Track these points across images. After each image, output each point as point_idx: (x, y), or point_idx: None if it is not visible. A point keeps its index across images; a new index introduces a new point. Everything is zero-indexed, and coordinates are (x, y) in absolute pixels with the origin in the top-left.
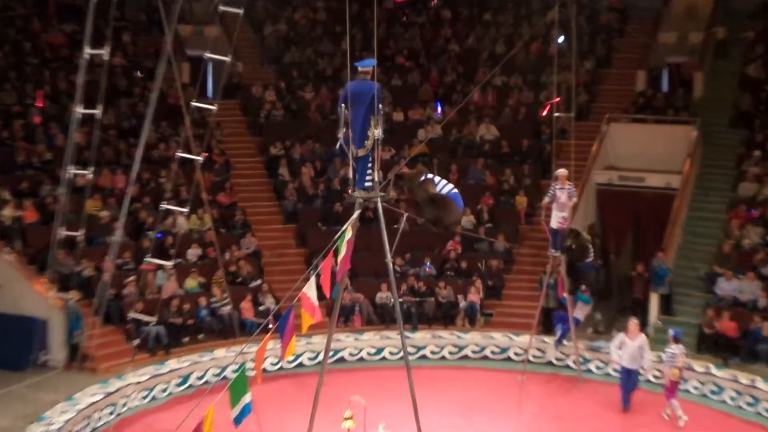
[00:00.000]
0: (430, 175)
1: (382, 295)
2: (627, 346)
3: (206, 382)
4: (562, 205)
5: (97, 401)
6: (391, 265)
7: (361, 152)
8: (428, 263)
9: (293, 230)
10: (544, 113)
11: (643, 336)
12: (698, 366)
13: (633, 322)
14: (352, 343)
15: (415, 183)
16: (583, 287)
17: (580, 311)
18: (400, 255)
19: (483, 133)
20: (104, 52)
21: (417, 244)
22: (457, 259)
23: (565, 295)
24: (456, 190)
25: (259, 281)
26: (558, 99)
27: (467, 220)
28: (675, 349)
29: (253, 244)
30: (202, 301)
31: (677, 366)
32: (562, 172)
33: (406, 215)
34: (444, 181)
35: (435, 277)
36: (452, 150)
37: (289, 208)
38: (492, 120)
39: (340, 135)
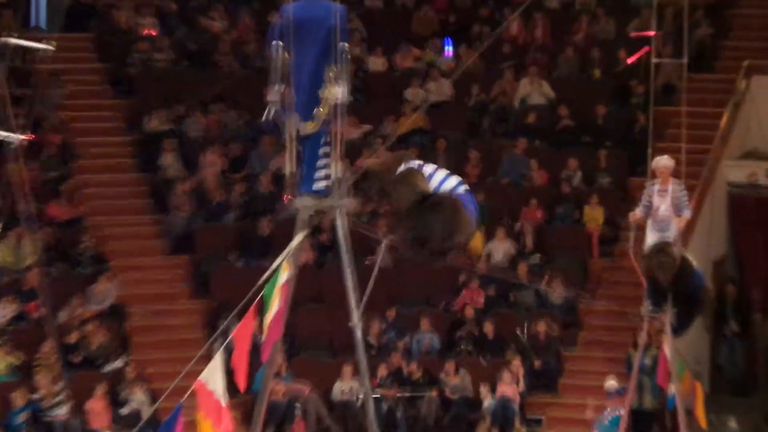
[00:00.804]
0: (416, 163)
1: (344, 387)
2: None
3: None
4: (665, 222)
5: None
6: (359, 333)
7: (309, 127)
8: (427, 330)
9: (185, 267)
10: (632, 59)
11: None
12: None
13: None
14: None
15: (388, 179)
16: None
17: None
18: (377, 313)
19: (526, 92)
20: None
21: (407, 294)
22: (478, 321)
23: (674, 389)
24: (466, 187)
25: (120, 361)
26: (657, 32)
27: (499, 249)
28: None
29: (111, 293)
30: (18, 397)
31: None
32: (663, 163)
33: (388, 241)
34: (443, 172)
35: (440, 354)
36: (471, 124)
37: (179, 228)
38: (543, 71)
39: (273, 97)
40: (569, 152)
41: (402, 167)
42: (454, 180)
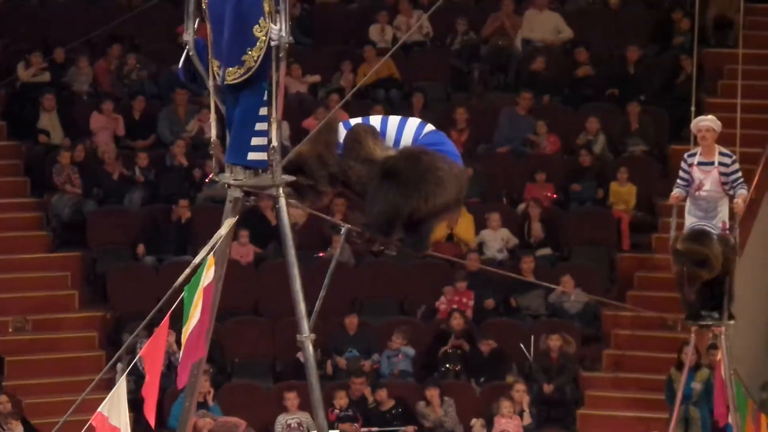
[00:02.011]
0: (355, 122)
1: (290, 421)
2: None
3: None
4: (711, 203)
5: None
6: (311, 350)
7: (232, 76)
8: (401, 346)
9: (74, 266)
10: None
11: None
12: None
13: None
14: None
15: (334, 160)
16: None
17: None
18: (335, 323)
19: (531, 30)
20: None
21: (374, 298)
22: (468, 332)
23: (732, 420)
24: (431, 128)
25: None
26: None
27: (494, 239)
28: None
29: None
30: None
31: None
32: (705, 124)
33: (346, 229)
34: (395, 119)
35: (418, 377)
36: (456, 73)
37: (65, 215)
38: (555, 1)
39: (188, 37)
40: (589, 110)
41: (342, 134)
42: (413, 123)
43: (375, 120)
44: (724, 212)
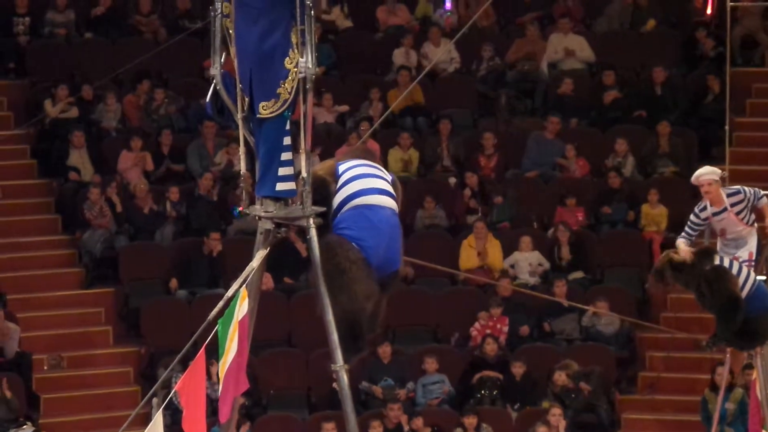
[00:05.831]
0: (347, 165)
1: None
2: None
3: None
4: (741, 239)
5: None
6: (345, 379)
7: (267, 110)
8: (436, 373)
9: (108, 302)
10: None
11: None
12: None
13: None
14: None
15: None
16: None
17: None
18: (368, 352)
19: (557, 54)
20: None
21: (407, 325)
22: (502, 359)
23: None
24: (378, 186)
25: (28, 427)
26: None
27: (524, 263)
28: None
29: (11, 337)
30: None
31: None
32: (705, 178)
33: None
34: (357, 167)
35: (454, 404)
36: (483, 98)
37: (96, 251)
38: (579, 24)
39: (215, 71)
40: (618, 133)
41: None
42: (359, 184)
43: (357, 169)
44: (753, 244)
